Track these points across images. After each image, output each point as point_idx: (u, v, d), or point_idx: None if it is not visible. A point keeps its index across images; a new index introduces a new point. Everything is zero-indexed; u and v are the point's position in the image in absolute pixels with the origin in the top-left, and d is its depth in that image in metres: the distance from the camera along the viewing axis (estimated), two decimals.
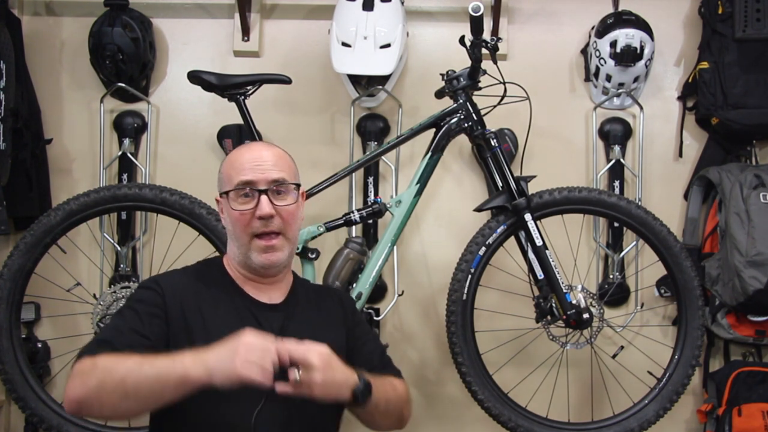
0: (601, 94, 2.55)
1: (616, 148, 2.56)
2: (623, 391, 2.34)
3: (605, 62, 2.45)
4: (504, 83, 2.15)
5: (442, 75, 2.16)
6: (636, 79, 2.49)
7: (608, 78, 2.49)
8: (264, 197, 1.45)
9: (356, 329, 1.64)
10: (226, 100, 2.16)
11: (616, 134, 2.57)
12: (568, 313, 2.05)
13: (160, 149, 2.63)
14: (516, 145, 2.47)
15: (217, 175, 1.57)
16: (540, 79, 2.54)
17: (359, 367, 1.43)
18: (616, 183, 2.55)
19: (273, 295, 1.54)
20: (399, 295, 2.48)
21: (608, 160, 2.57)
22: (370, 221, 2.45)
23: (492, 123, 2.17)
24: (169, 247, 2.36)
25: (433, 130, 2.15)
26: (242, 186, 1.46)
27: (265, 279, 1.53)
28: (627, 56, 2.41)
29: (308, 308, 1.58)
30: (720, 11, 2.43)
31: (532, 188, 2.14)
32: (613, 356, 2.30)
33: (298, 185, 1.54)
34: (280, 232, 1.48)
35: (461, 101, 2.13)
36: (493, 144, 2.11)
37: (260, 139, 2.22)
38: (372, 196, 2.53)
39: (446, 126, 2.13)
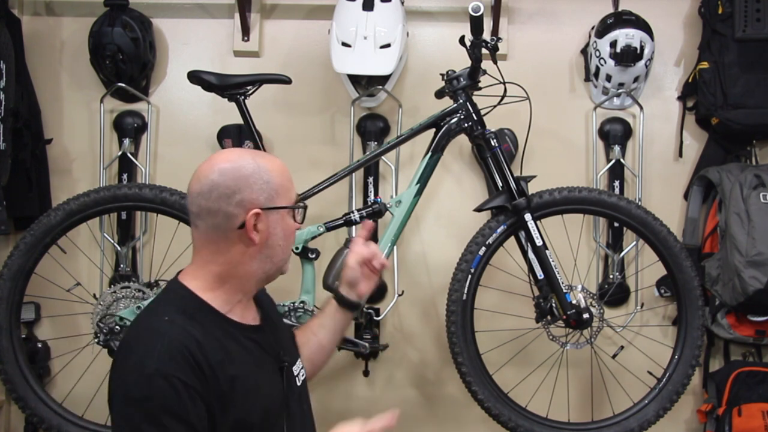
0: (601, 94, 2.55)
1: (616, 148, 2.56)
2: (623, 391, 2.34)
3: (605, 62, 2.45)
4: (504, 83, 2.15)
5: (442, 75, 2.16)
6: (636, 79, 2.49)
7: (608, 78, 2.48)
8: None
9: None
10: (226, 100, 2.16)
11: (616, 134, 2.57)
12: (568, 313, 2.05)
13: (160, 149, 2.63)
14: (516, 145, 2.48)
15: (250, 186, 1.32)
16: (540, 79, 2.54)
17: None
18: (616, 183, 2.55)
19: (251, 312, 1.44)
20: (399, 295, 2.48)
21: (608, 160, 2.57)
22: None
23: (492, 123, 2.17)
24: (169, 247, 2.36)
25: (433, 130, 2.15)
26: (299, 199, 1.43)
27: (250, 294, 1.43)
28: (627, 56, 2.41)
29: (268, 311, 1.52)
30: (720, 11, 2.43)
31: (532, 188, 2.13)
32: (613, 356, 2.30)
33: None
34: None
35: (461, 101, 2.13)
36: (493, 144, 2.11)
37: (260, 139, 2.22)
38: (372, 196, 2.53)
39: (446, 126, 2.13)
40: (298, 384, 1.46)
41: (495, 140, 2.12)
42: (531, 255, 2.09)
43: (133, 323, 1.39)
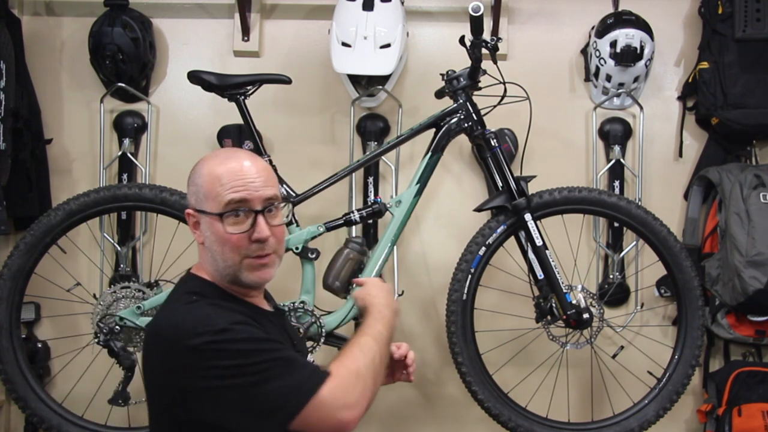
0: (601, 94, 2.55)
1: (616, 148, 2.56)
2: (623, 391, 2.34)
3: (605, 62, 2.45)
4: (504, 83, 2.15)
5: (442, 75, 2.16)
6: (636, 79, 2.49)
7: (608, 78, 2.48)
8: (261, 219, 1.32)
9: None
10: (226, 100, 2.16)
11: (616, 134, 2.57)
12: (568, 313, 2.05)
13: (160, 149, 2.63)
14: (516, 145, 2.48)
15: (190, 186, 1.38)
16: (540, 79, 2.54)
17: None
18: (616, 183, 2.55)
19: (263, 302, 1.48)
20: (399, 295, 2.48)
21: (608, 160, 2.57)
22: (370, 221, 2.45)
23: (492, 123, 2.17)
24: (169, 247, 2.36)
25: (433, 130, 2.15)
26: (235, 205, 1.31)
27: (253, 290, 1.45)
28: (627, 56, 2.41)
29: (275, 304, 1.57)
30: (720, 11, 2.43)
31: (532, 188, 2.14)
32: (613, 356, 2.30)
33: (285, 202, 1.44)
34: (274, 251, 1.37)
35: (461, 101, 2.13)
36: (493, 144, 2.11)
37: (260, 139, 2.22)
38: (372, 196, 2.53)
39: (446, 126, 2.13)
40: None
41: (495, 140, 2.12)
42: (531, 255, 2.09)
43: (159, 316, 1.39)
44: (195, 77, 2.14)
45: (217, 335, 1.20)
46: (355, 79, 2.51)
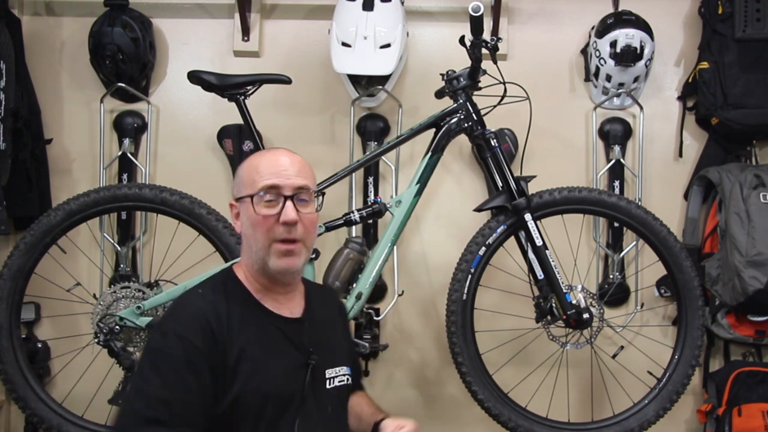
0: (601, 94, 2.55)
1: (616, 148, 2.56)
2: (623, 391, 2.34)
3: (605, 62, 2.45)
4: (504, 83, 2.15)
5: (442, 75, 2.16)
6: (636, 79, 2.49)
7: (608, 78, 2.49)
8: (289, 203, 1.42)
9: (350, 334, 1.70)
10: (226, 100, 2.16)
11: (616, 134, 2.57)
12: (568, 313, 2.05)
13: (160, 149, 2.63)
14: (516, 145, 2.48)
15: (234, 181, 1.52)
16: (540, 79, 2.54)
17: None
18: (616, 183, 2.55)
19: (292, 307, 1.51)
20: (399, 295, 2.48)
21: (608, 160, 2.57)
22: (370, 221, 2.45)
23: (492, 123, 2.17)
24: (169, 247, 2.36)
25: (433, 130, 2.15)
26: (267, 190, 1.42)
27: (282, 288, 1.50)
28: (627, 56, 2.41)
29: (323, 316, 1.58)
30: (720, 11, 2.43)
31: (532, 188, 2.13)
32: (613, 356, 2.30)
33: (317, 194, 1.52)
34: (301, 239, 1.44)
35: (461, 101, 2.13)
36: (493, 144, 2.11)
37: (260, 139, 2.22)
38: (372, 196, 2.53)
39: (446, 126, 2.13)
40: (329, 386, 1.49)
41: (495, 140, 2.12)
42: (531, 255, 2.09)
43: (176, 298, 1.52)
44: (195, 77, 2.14)
45: (156, 333, 1.40)
46: (355, 79, 2.51)
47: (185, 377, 1.30)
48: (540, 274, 2.08)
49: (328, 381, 1.49)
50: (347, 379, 1.54)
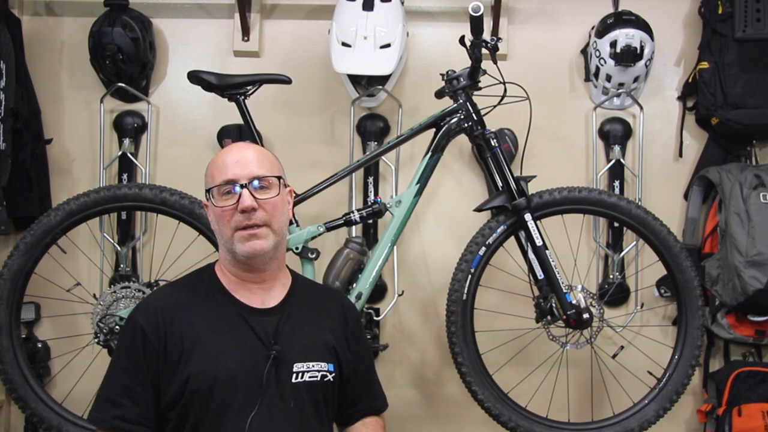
0: (601, 94, 2.55)
1: (616, 148, 2.56)
2: (623, 391, 2.34)
3: (605, 62, 2.45)
4: (504, 83, 2.15)
5: (442, 75, 2.16)
6: (636, 79, 2.49)
7: (608, 78, 2.49)
8: (245, 191, 1.46)
9: (356, 344, 1.63)
10: (226, 100, 2.16)
11: (616, 134, 2.57)
12: (568, 313, 2.05)
13: (160, 149, 2.63)
14: (516, 145, 2.48)
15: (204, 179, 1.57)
16: (540, 79, 2.54)
17: (344, 380, 1.58)
18: (616, 183, 2.55)
19: (266, 298, 1.53)
20: (399, 295, 2.48)
21: (608, 160, 2.57)
22: (370, 221, 2.45)
23: (492, 123, 2.17)
24: (169, 247, 2.36)
25: (433, 130, 2.15)
26: (224, 184, 1.48)
27: (257, 277, 1.52)
28: (627, 56, 2.41)
29: (305, 310, 1.57)
30: (720, 11, 2.43)
31: (532, 188, 2.13)
32: (613, 356, 2.30)
33: (279, 177, 1.53)
34: (265, 223, 1.48)
35: (461, 101, 2.13)
36: (493, 144, 2.11)
37: (260, 139, 2.22)
38: (372, 196, 2.53)
39: (446, 126, 2.13)
40: (294, 380, 1.47)
41: (495, 140, 2.12)
42: (531, 255, 2.09)
43: None
44: (195, 77, 2.15)
45: (127, 317, 1.52)
46: (355, 79, 2.51)
47: (136, 357, 1.44)
48: (540, 274, 2.08)
49: (294, 375, 1.47)
50: (322, 377, 1.51)
